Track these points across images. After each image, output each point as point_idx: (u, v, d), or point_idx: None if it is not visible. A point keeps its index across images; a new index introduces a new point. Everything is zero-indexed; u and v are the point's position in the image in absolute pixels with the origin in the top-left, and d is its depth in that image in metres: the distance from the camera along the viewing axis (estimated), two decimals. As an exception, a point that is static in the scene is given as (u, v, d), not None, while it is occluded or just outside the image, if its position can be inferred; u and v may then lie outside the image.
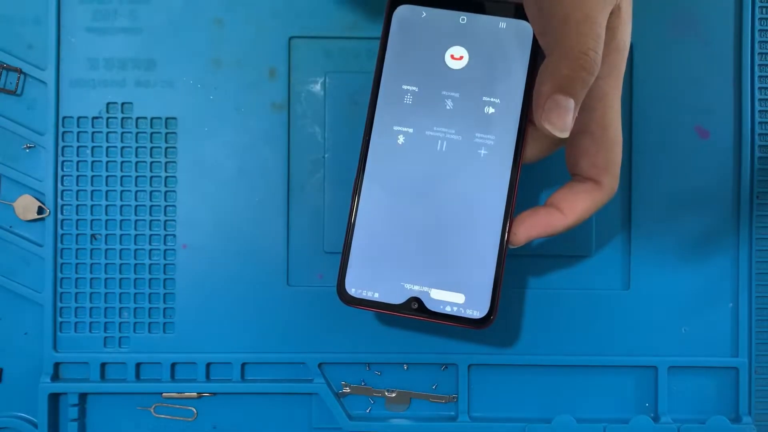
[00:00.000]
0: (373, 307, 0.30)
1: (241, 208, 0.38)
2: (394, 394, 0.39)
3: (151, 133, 0.38)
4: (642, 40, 0.38)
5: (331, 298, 0.38)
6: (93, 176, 0.38)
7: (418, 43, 0.30)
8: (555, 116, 0.27)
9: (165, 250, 0.38)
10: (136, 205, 0.38)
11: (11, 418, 0.38)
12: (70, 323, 0.38)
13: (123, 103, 0.38)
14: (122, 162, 0.38)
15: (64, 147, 0.38)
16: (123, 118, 0.38)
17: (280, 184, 0.38)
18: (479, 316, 0.30)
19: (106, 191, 0.38)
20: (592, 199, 0.30)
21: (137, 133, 0.38)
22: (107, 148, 0.38)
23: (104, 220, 0.38)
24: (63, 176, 0.38)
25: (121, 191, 0.38)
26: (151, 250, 0.38)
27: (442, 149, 0.30)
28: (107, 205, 0.38)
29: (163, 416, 0.39)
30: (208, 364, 0.38)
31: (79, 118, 0.38)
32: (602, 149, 0.29)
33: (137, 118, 0.38)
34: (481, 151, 0.30)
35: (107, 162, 0.38)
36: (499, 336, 0.39)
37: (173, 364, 0.38)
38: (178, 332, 0.38)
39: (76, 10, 0.38)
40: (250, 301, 0.38)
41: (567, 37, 0.26)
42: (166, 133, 0.38)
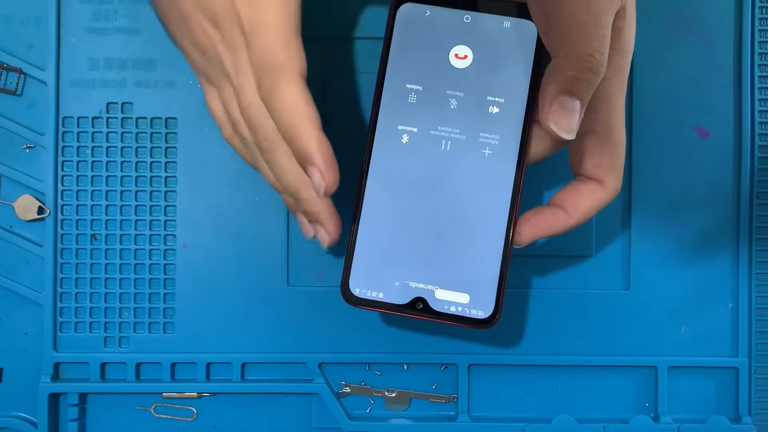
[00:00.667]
0: (378, 308, 0.30)
1: (241, 208, 0.38)
2: (394, 394, 0.39)
3: (151, 133, 0.38)
4: (642, 41, 0.38)
5: (331, 298, 0.38)
6: (93, 176, 0.38)
7: (422, 41, 0.30)
8: (561, 117, 0.27)
9: (165, 250, 0.38)
10: (136, 205, 0.38)
11: (11, 418, 0.38)
12: (70, 323, 0.38)
13: (123, 103, 0.38)
14: (122, 162, 0.38)
15: (64, 147, 0.38)
16: (123, 118, 0.38)
17: (280, 184, 0.38)
18: (484, 316, 0.30)
19: (106, 191, 0.38)
20: (596, 199, 0.30)
21: (137, 133, 0.38)
22: (107, 148, 0.38)
23: (104, 220, 0.38)
24: (63, 176, 0.38)
25: (121, 191, 0.38)
26: (151, 250, 0.38)
27: (446, 149, 0.30)
28: (107, 205, 0.38)
29: (163, 416, 0.39)
30: (208, 364, 0.38)
31: (79, 118, 0.38)
32: (606, 150, 0.29)
33: (137, 118, 0.38)
34: (486, 151, 0.30)
35: (107, 162, 0.38)
36: (500, 336, 0.39)
37: (173, 364, 0.38)
38: (178, 332, 0.38)
39: (76, 10, 0.38)
40: (250, 301, 0.38)
41: (572, 38, 0.26)
42: (166, 133, 0.38)
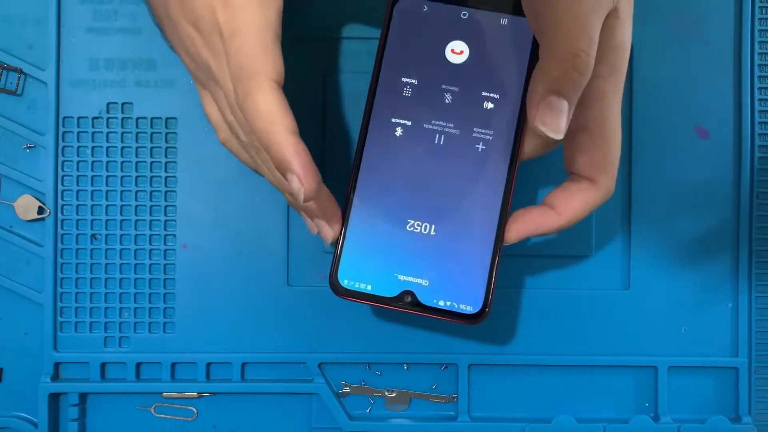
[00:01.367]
0: (366, 300, 0.30)
1: (241, 208, 0.38)
2: (394, 394, 0.39)
3: (151, 133, 0.38)
4: (642, 41, 0.38)
5: (331, 299, 0.38)
6: (93, 176, 0.38)
7: (419, 36, 0.30)
8: (549, 117, 0.27)
9: (165, 250, 0.38)
10: (136, 205, 0.38)
11: (11, 418, 0.38)
12: (70, 323, 0.38)
13: (123, 103, 0.38)
14: (122, 162, 0.38)
15: (64, 147, 0.38)
16: (123, 118, 0.38)
17: (280, 184, 0.38)
18: (473, 312, 0.29)
19: (106, 191, 0.38)
20: (588, 199, 0.30)
21: (137, 133, 0.38)
22: (107, 148, 0.38)
23: (104, 220, 0.38)
24: (63, 176, 0.38)
25: (121, 191, 0.38)
26: (151, 250, 0.38)
27: (439, 143, 0.30)
28: (107, 205, 0.38)
29: (163, 416, 0.39)
30: (208, 364, 0.38)
31: (79, 118, 0.38)
32: (599, 147, 0.29)
33: (137, 118, 0.38)
34: (479, 146, 0.30)
35: (107, 162, 0.38)
36: (500, 336, 0.39)
37: (173, 364, 0.38)
38: (178, 332, 0.38)
39: (76, 10, 0.38)
40: (250, 301, 0.38)
41: (558, 39, 0.26)
42: (166, 133, 0.38)
